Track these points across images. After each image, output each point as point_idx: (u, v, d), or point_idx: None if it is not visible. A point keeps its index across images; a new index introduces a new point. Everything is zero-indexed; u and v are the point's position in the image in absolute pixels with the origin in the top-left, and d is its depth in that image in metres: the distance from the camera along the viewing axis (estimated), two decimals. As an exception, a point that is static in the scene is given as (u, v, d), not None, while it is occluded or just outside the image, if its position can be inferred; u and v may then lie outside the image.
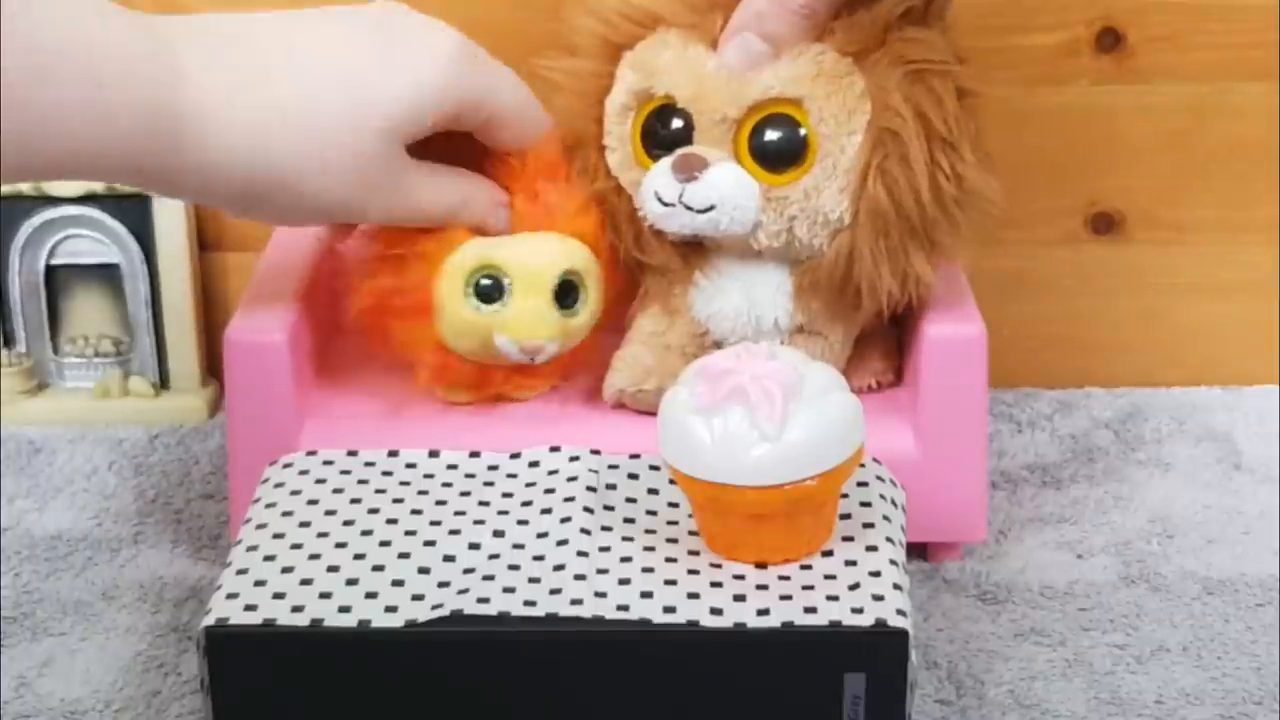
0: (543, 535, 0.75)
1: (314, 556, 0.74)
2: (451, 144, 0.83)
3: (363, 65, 0.78)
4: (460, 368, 0.86)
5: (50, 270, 1.01)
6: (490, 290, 0.84)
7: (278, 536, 0.75)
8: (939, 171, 0.81)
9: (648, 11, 0.84)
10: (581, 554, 0.74)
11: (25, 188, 0.98)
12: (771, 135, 0.82)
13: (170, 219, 0.99)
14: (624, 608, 0.71)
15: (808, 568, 0.73)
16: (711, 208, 0.82)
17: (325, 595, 0.71)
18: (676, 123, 0.83)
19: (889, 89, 0.81)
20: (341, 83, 0.78)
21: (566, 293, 0.85)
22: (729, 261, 0.85)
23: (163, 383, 1.03)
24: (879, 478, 0.79)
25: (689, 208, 0.82)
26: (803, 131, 0.82)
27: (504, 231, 0.85)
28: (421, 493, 0.78)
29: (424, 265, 0.84)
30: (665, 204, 0.82)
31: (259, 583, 0.72)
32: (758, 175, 0.82)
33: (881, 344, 0.89)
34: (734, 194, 0.82)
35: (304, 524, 0.76)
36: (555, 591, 0.71)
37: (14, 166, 0.71)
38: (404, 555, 0.74)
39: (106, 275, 1.01)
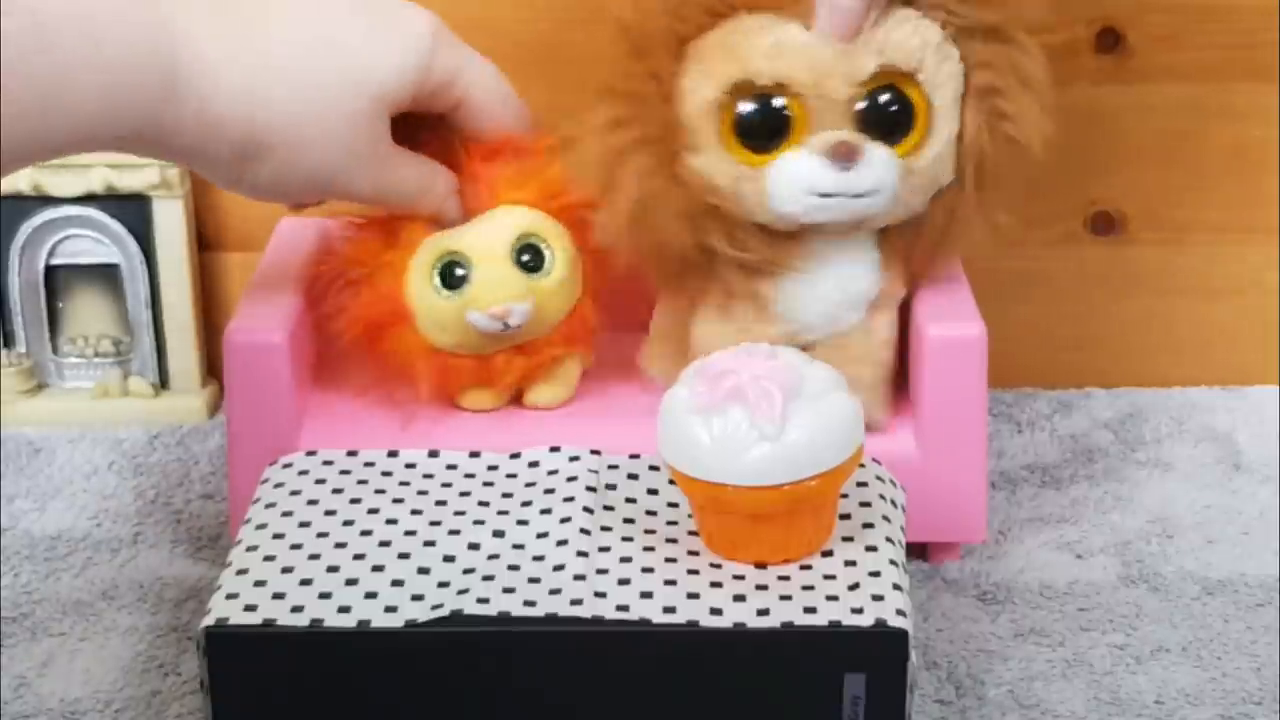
0: (542, 535, 0.75)
1: (314, 556, 0.74)
2: (403, 130, 0.83)
3: (350, 34, 0.80)
4: (458, 365, 0.86)
5: (50, 270, 1.01)
6: (454, 276, 0.84)
7: (277, 536, 0.75)
8: (1040, 116, 0.83)
9: None
10: (581, 554, 0.74)
11: (25, 188, 0.98)
12: (887, 108, 0.82)
13: (170, 219, 0.99)
14: (624, 608, 0.71)
15: (807, 568, 0.73)
16: (873, 191, 0.82)
17: (325, 595, 0.71)
18: (771, 110, 0.82)
19: (977, 47, 0.82)
20: (332, 47, 0.80)
21: (531, 255, 0.85)
22: (824, 243, 0.84)
23: (162, 383, 1.02)
24: (879, 478, 0.79)
25: (854, 195, 0.82)
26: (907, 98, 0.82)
27: (457, 220, 0.85)
28: (421, 493, 0.78)
29: (390, 274, 0.85)
30: (825, 196, 0.82)
31: (259, 583, 0.72)
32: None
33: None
34: (890, 173, 0.82)
35: (304, 524, 0.76)
36: (555, 591, 0.71)
37: (25, 141, 0.71)
38: (404, 555, 0.74)
39: (106, 275, 1.01)
